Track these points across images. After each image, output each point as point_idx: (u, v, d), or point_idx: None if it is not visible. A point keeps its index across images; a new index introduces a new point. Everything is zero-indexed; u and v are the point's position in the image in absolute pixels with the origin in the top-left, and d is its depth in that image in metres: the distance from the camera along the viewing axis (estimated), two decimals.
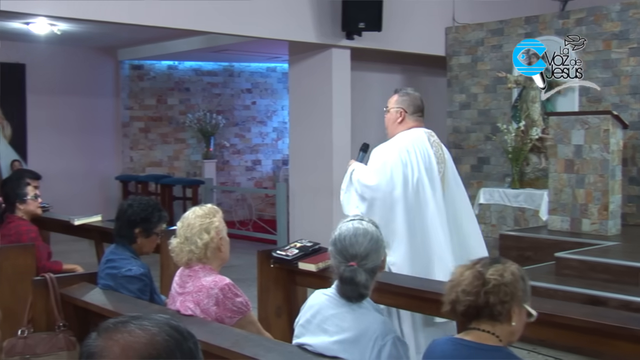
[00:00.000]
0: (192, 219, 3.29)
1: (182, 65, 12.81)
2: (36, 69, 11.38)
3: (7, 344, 3.64)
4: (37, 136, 11.49)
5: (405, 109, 4.49)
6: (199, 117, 12.53)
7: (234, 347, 2.79)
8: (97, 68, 12.17)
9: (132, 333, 1.31)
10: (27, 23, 9.26)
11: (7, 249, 4.58)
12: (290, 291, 4.29)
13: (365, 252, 2.60)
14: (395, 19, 9.04)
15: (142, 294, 3.63)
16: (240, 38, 9.08)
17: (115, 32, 9.98)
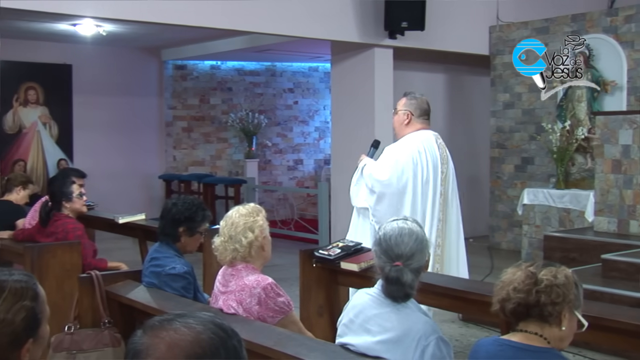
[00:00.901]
0: (236, 217, 3.30)
1: (224, 65, 12.90)
2: (82, 69, 11.57)
3: (54, 340, 3.71)
4: (83, 136, 11.68)
5: (412, 112, 4.83)
6: (241, 117, 12.61)
7: (276, 346, 2.80)
8: (141, 68, 12.33)
9: (178, 331, 1.31)
10: (74, 24, 9.43)
11: (54, 246, 4.67)
12: (332, 291, 4.29)
13: (411, 252, 2.59)
14: (438, 18, 8.98)
15: (185, 292, 3.67)
16: (282, 38, 9.11)
17: (159, 33, 10.10)
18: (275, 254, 3.71)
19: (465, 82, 10.95)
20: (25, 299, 1.81)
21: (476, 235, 10.79)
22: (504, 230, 10.06)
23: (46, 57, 11.21)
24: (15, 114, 11.18)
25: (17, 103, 11.17)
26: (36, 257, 4.53)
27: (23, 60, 11.04)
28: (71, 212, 5.03)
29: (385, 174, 4.61)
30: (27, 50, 10.97)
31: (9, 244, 5.15)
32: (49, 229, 4.94)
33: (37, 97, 11.32)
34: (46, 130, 11.44)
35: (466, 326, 6.00)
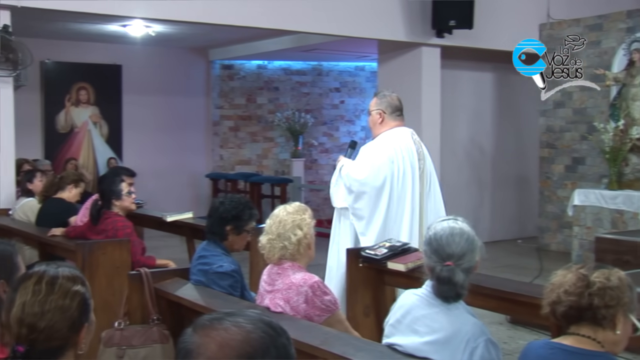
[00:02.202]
0: (284, 215, 3.32)
1: (271, 65, 12.97)
2: (131, 69, 11.76)
3: (105, 335, 3.78)
4: (132, 135, 11.87)
5: (384, 110, 4.86)
6: (287, 116, 12.66)
7: (323, 345, 2.80)
8: (189, 68, 12.48)
9: (228, 330, 1.32)
10: (124, 25, 9.59)
11: (104, 243, 4.75)
12: (378, 291, 4.28)
13: (462, 252, 2.57)
14: (487, 16, 8.88)
15: (233, 290, 3.70)
16: (329, 37, 9.13)
17: (207, 33, 10.20)
18: (320, 254, 3.71)
19: (513, 81, 10.79)
20: (77, 285, 1.90)
21: (524, 236, 10.65)
22: (553, 232, 9.90)
23: (97, 57, 11.42)
24: (67, 113, 11.42)
25: (69, 103, 11.41)
26: (87, 254, 4.60)
27: (75, 61, 11.29)
28: (121, 210, 5.11)
29: (363, 172, 4.66)
30: (78, 51, 11.20)
31: (61, 240, 5.26)
32: (99, 227, 5.02)
33: (88, 97, 11.55)
34: (97, 129, 11.66)
35: (514, 328, 5.93)
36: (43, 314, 1.84)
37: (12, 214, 6.44)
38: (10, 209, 6.50)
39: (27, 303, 1.85)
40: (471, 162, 10.62)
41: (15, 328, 1.85)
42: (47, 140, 11.30)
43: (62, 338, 1.86)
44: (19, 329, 1.84)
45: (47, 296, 1.86)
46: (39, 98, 11.17)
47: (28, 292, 1.87)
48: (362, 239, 4.64)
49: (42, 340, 1.83)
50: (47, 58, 10.95)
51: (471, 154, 10.63)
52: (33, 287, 1.88)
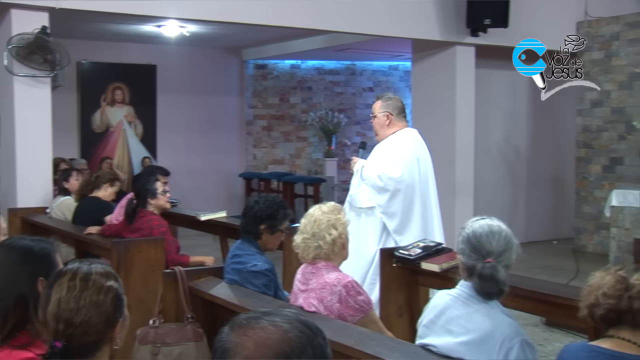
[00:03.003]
0: (319, 215, 3.32)
1: (304, 65, 12.99)
2: (166, 69, 11.87)
3: (140, 332, 3.82)
4: (166, 134, 11.98)
5: (391, 112, 5.01)
6: (320, 116, 12.67)
7: (357, 346, 2.80)
8: (222, 68, 12.55)
9: (265, 329, 1.32)
10: (159, 26, 9.69)
11: (139, 242, 4.80)
12: (412, 291, 4.27)
13: (501, 249, 2.56)
14: (522, 14, 8.79)
15: (267, 289, 3.71)
16: (363, 37, 9.11)
17: (241, 33, 10.26)
18: None
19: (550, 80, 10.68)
20: (110, 280, 1.94)
21: (560, 237, 10.52)
22: (590, 233, 9.77)
23: (132, 58, 11.56)
24: (103, 113, 11.57)
25: (104, 103, 11.56)
26: (122, 252, 4.65)
27: (111, 61, 11.44)
28: (156, 208, 5.16)
29: (398, 171, 4.83)
30: (114, 51, 11.34)
31: (97, 239, 5.32)
32: (134, 225, 5.08)
33: (124, 96, 11.69)
34: (131, 128, 11.79)
35: (550, 330, 5.86)
36: (78, 309, 1.88)
37: (49, 212, 6.54)
38: (47, 208, 6.60)
39: (62, 299, 1.89)
40: (506, 162, 10.52)
41: (52, 324, 1.89)
42: (83, 139, 11.46)
43: (97, 333, 1.89)
44: (55, 324, 1.88)
45: (82, 292, 1.90)
46: (76, 98, 11.33)
47: (63, 289, 1.91)
48: (398, 238, 4.78)
49: (78, 335, 1.87)
50: (83, 59, 11.10)
51: (506, 153, 10.53)
52: (68, 284, 1.92)
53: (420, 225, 4.89)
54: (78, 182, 6.55)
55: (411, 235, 4.77)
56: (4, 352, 2.10)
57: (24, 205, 6.64)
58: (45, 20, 6.56)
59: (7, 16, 6.55)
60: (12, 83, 6.54)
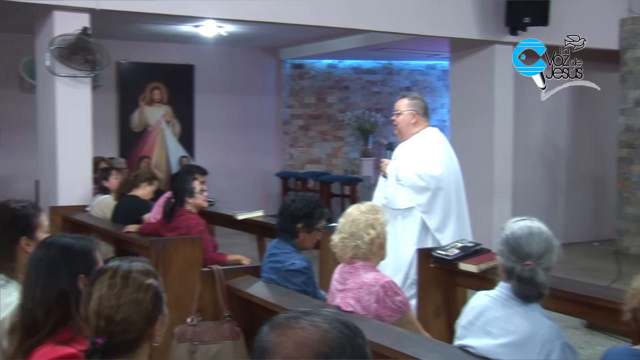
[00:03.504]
0: (357, 214, 3.33)
1: (341, 64, 12.99)
2: (203, 69, 11.96)
3: (178, 330, 3.87)
4: (204, 133, 12.08)
5: (418, 111, 4.99)
6: (357, 115, 12.66)
7: (394, 346, 2.80)
8: (260, 68, 12.61)
9: (305, 329, 1.32)
10: (197, 26, 9.77)
11: (177, 240, 4.84)
12: (449, 292, 4.24)
13: (541, 251, 2.53)
14: (563, 12, 8.67)
15: (306, 287, 3.73)
16: (400, 36, 9.08)
17: (278, 33, 10.29)
18: None
19: (591, 79, 10.49)
20: (150, 278, 1.96)
21: (601, 239, 10.36)
22: (632, 234, 9.60)
23: (170, 58, 11.67)
24: (141, 112, 11.71)
25: (143, 102, 11.70)
26: (160, 251, 4.70)
27: (149, 61, 11.57)
28: (193, 207, 5.20)
29: (438, 169, 4.83)
30: (152, 51, 11.47)
31: (135, 237, 5.38)
32: (172, 224, 5.13)
33: (162, 96, 11.81)
34: (169, 128, 11.91)
35: (591, 334, 5.78)
36: (119, 307, 1.91)
37: (89, 211, 6.63)
38: (87, 206, 6.70)
39: (103, 296, 1.93)
40: (545, 162, 10.40)
41: (94, 321, 1.92)
42: (121, 138, 11.61)
43: (137, 330, 1.92)
44: (97, 321, 1.91)
45: (122, 289, 1.93)
46: (115, 98, 11.48)
47: (104, 286, 1.95)
48: (439, 236, 4.82)
49: (119, 332, 1.90)
50: (122, 59, 11.24)
51: (545, 153, 10.41)
52: (108, 281, 1.95)
53: (458, 222, 4.93)
54: (117, 180, 6.65)
55: (451, 232, 4.82)
56: (47, 347, 2.15)
57: (65, 203, 6.74)
58: (86, 21, 6.66)
59: (50, 18, 6.66)
60: (54, 83, 6.66)
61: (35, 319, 2.21)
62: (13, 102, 10.34)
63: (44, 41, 6.77)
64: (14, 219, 2.77)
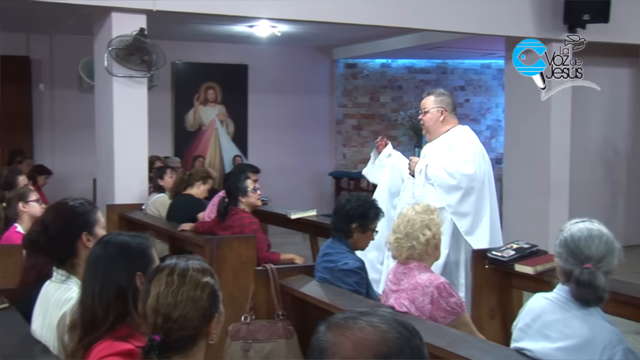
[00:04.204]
0: (413, 215, 3.32)
1: (395, 63, 12.94)
2: (257, 69, 12.05)
3: (231, 328, 3.91)
4: (257, 133, 12.17)
5: (445, 108, 4.81)
6: (411, 115, 12.58)
7: (449, 347, 2.78)
8: (313, 67, 12.65)
9: (364, 330, 1.32)
10: (251, 26, 9.84)
11: (231, 239, 4.89)
12: (505, 293, 4.20)
13: (601, 254, 2.47)
14: (625, 8, 8.46)
15: (359, 287, 3.73)
16: (454, 35, 9.00)
17: (332, 32, 10.30)
18: None
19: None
20: (207, 276, 1.99)
21: None
22: None
23: (224, 58, 11.79)
24: (196, 112, 11.86)
25: (197, 102, 11.85)
26: (215, 249, 4.76)
27: (203, 61, 11.71)
28: (247, 206, 5.25)
29: (470, 168, 4.62)
30: (207, 52, 11.60)
31: (190, 235, 5.45)
32: (226, 223, 5.18)
33: (216, 96, 11.94)
34: (223, 127, 12.04)
35: None
36: (176, 304, 1.93)
37: (144, 209, 6.74)
38: (143, 204, 6.81)
39: (161, 294, 1.95)
40: (604, 162, 10.18)
41: (151, 318, 1.94)
42: (176, 138, 11.78)
43: (194, 328, 1.94)
44: (154, 318, 1.94)
45: (179, 287, 1.95)
46: (170, 97, 11.65)
47: (161, 284, 1.96)
48: (469, 239, 4.59)
49: (176, 329, 1.92)
50: (177, 59, 11.40)
51: (604, 153, 10.19)
52: (166, 279, 1.97)
53: (490, 226, 4.70)
54: (172, 179, 6.75)
55: (482, 235, 4.60)
56: (105, 343, 2.19)
57: (121, 201, 6.87)
58: (143, 22, 6.78)
59: (108, 19, 6.80)
60: (111, 83, 6.79)
61: (95, 316, 2.26)
62: (72, 102, 10.60)
63: (102, 42, 6.91)
64: (74, 215, 2.83)
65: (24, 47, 10.61)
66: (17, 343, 2.82)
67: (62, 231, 2.78)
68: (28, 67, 10.59)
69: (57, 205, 2.93)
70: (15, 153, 9.41)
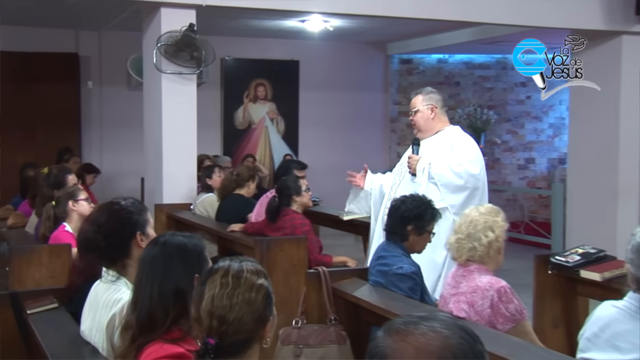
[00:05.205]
0: (476, 216, 3.29)
1: (452, 59, 12.83)
2: (309, 65, 12.07)
3: (282, 333, 3.92)
4: (308, 131, 12.19)
5: (435, 105, 4.85)
6: (469, 113, 12.47)
7: (510, 356, 2.74)
8: (366, 63, 12.62)
9: (425, 335, 1.32)
10: (302, 21, 9.87)
11: (282, 240, 4.92)
12: (569, 301, 4.15)
13: None
14: None
15: (412, 293, 3.70)
16: (516, 28, 8.87)
17: (386, 26, 10.27)
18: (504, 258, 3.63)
19: None
20: (261, 278, 2.00)
21: None
22: None
23: (275, 54, 11.85)
24: (245, 110, 11.94)
25: (247, 99, 11.93)
26: (265, 251, 4.78)
27: (253, 57, 11.78)
28: (300, 206, 5.27)
29: (476, 167, 4.68)
30: (257, 47, 11.67)
31: (240, 236, 5.50)
32: (277, 224, 5.21)
33: (266, 93, 12.01)
34: (273, 125, 12.10)
35: None
36: (231, 306, 1.94)
37: (193, 209, 6.82)
38: (191, 204, 6.88)
39: (216, 296, 1.95)
40: None
41: (206, 320, 1.95)
42: (225, 136, 11.88)
43: (249, 331, 1.95)
44: (209, 321, 1.95)
45: (234, 289, 1.96)
46: (219, 95, 11.75)
47: (216, 285, 1.97)
48: None
49: (231, 333, 1.93)
50: (227, 55, 11.50)
51: None
52: (220, 280, 1.98)
53: None
54: (220, 178, 6.81)
55: None
56: (156, 345, 2.22)
57: (169, 201, 6.96)
58: (193, 17, 6.86)
59: (157, 15, 6.90)
60: (160, 80, 6.89)
61: (153, 317, 2.29)
62: (120, 100, 10.78)
63: (151, 38, 7.02)
64: (128, 214, 2.89)
65: (73, 44, 10.83)
66: (66, 344, 2.89)
67: (117, 230, 2.84)
68: (77, 64, 10.82)
69: (109, 204, 2.98)
70: (64, 151, 9.62)
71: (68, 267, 4.32)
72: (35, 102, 10.46)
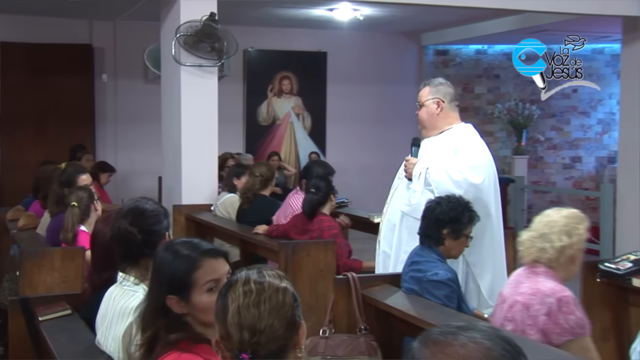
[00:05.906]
0: (557, 217, 3.28)
1: (491, 50, 12.77)
2: (337, 57, 12.05)
3: (309, 343, 3.92)
4: (336, 127, 12.17)
5: (442, 99, 4.56)
6: (509, 108, 12.41)
7: None
8: (398, 54, 12.59)
9: (466, 346, 1.31)
10: (331, 9, 9.87)
11: (308, 244, 4.92)
12: (620, 311, 4.11)
13: None
14: None
15: (448, 301, 3.69)
16: (561, 16, 8.81)
17: (420, 15, 10.25)
18: None
19: None
20: (284, 281, 2.00)
21: None
22: None
23: (301, 44, 11.84)
24: (270, 104, 11.96)
25: (271, 93, 11.94)
26: (290, 255, 4.79)
27: (278, 49, 11.77)
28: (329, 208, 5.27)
29: (479, 176, 4.35)
30: (282, 38, 11.68)
31: (264, 239, 5.49)
32: (304, 226, 5.22)
33: (291, 86, 12.01)
34: (299, 121, 12.10)
35: None
36: (260, 314, 1.93)
37: (213, 210, 6.83)
38: (212, 205, 6.88)
39: (241, 306, 1.94)
40: None
41: (236, 335, 1.93)
42: (248, 133, 11.90)
43: (282, 338, 1.94)
44: (239, 334, 1.93)
45: (260, 295, 1.95)
46: (241, 88, 11.78)
47: (239, 295, 1.95)
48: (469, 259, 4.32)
49: (264, 343, 1.92)
50: (250, 46, 11.53)
51: None
52: (243, 289, 1.96)
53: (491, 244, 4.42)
54: None
55: (483, 251, 4.33)
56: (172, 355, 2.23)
57: (188, 202, 6.98)
58: (214, 6, 6.89)
59: (176, 4, 6.94)
60: (179, 73, 6.92)
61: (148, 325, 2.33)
62: (136, 94, 10.84)
63: (169, 29, 7.06)
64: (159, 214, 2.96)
65: (87, 35, 10.91)
66: (80, 352, 2.92)
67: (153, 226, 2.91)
68: (90, 56, 10.87)
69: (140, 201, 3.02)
70: (77, 149, 9.67)
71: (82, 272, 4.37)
72: (46, 97, 10.52)
